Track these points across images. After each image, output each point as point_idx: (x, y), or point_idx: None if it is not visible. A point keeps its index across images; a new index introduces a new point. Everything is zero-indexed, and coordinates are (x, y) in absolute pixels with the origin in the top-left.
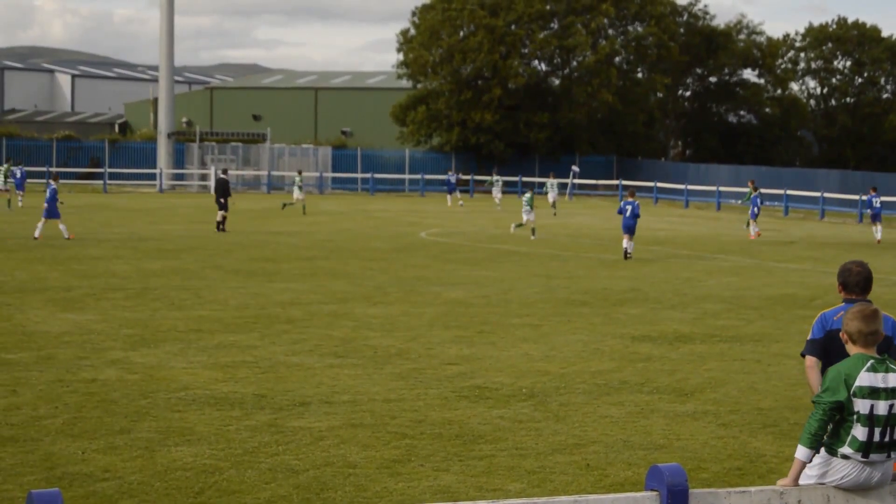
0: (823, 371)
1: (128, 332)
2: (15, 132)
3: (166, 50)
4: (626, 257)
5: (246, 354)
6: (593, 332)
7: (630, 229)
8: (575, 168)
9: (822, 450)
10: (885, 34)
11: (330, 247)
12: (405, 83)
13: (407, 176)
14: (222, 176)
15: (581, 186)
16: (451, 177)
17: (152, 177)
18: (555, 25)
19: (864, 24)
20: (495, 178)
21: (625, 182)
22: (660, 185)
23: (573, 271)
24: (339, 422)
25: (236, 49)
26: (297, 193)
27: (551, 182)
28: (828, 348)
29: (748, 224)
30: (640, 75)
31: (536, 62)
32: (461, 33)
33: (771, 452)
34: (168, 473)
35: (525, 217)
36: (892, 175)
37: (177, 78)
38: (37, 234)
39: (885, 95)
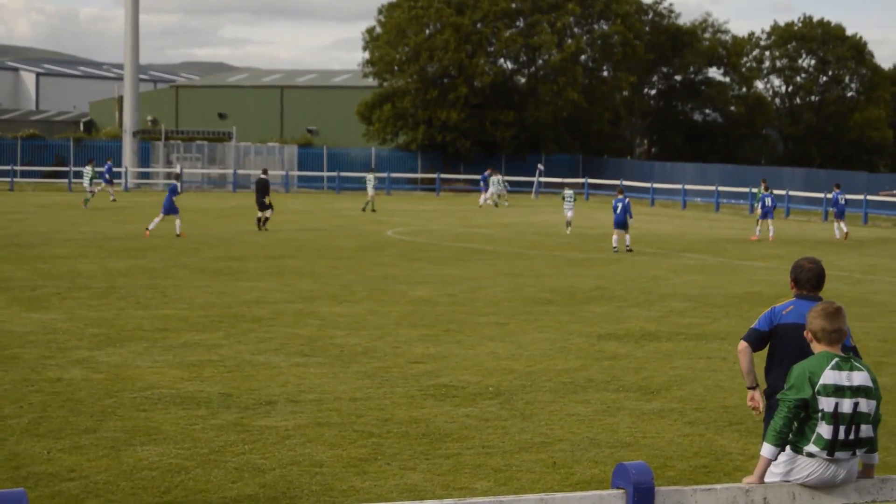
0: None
1: (93, 332)
2: None
3: (131, 48)
4: (615, 251)
5: (212, 353)
6: (560, 331)
7: (622, 225)
8: (540, 167)
9: (788, 448)
10: (849, 32)
11: (296, 245)
12: (371, 82)
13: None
14: (263, 176)
15: (547, 185)
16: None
17: (117, 175)
18: (521, 24)
19: (828, 23)
20: (495, 177)
21: (590, 180)
22: (625, 183)
23: (540, 270)
24: (305, 421)
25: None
26: (371, 192)
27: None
28: (775, 343)
29: (758, 224)
30: (605, 74)
31: (502, 60)
32: (427, 31)
33: (737, 450)
34: (134, 473)
35: (568, 214)
36: (856, 173)
37: (142, 76)
38: (151, 226)
39: (849, 94)
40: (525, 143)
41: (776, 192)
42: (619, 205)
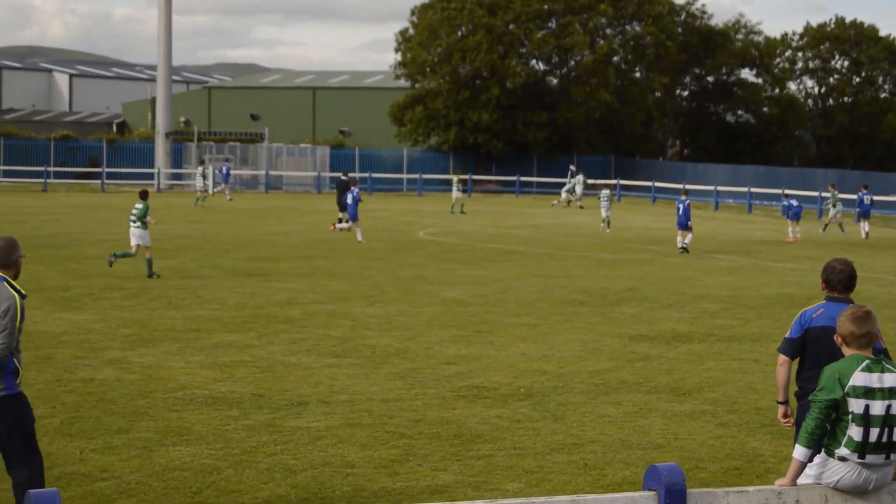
0: (805, 369)
1: (126, 332)
2: (13, 132)
3: (164, 49)
4: (681, 251)
5: (244, 354)
6: (591, 332)
7: (683, 226)
8: (572, 168)
9: (822, 451)
10: (882, 33)
11: (328, 246)
12: (403, 83)
13: (405, 175)
14: (343, 178)
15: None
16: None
17: (150, 176)
18: (553, 25)
19: (861, 24)
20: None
21: (622, 181)
22: (658, 184)
23: (571, 271)
24: (337, 421)
25: (235, 49)
26: (455, 193)
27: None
28: (806, 346)
29: (839, 224)
30: (637, 75)
31: (534, 62)
32: (459, 33)
33: (769, 452)
34: (166, 473)
35: (604, 213)
36: (889, 174)
37: (175, 77)
38: (359, 237)
39: (882, 95)
40: (557, 145)
41: (807, 193)
42: (682, 206)
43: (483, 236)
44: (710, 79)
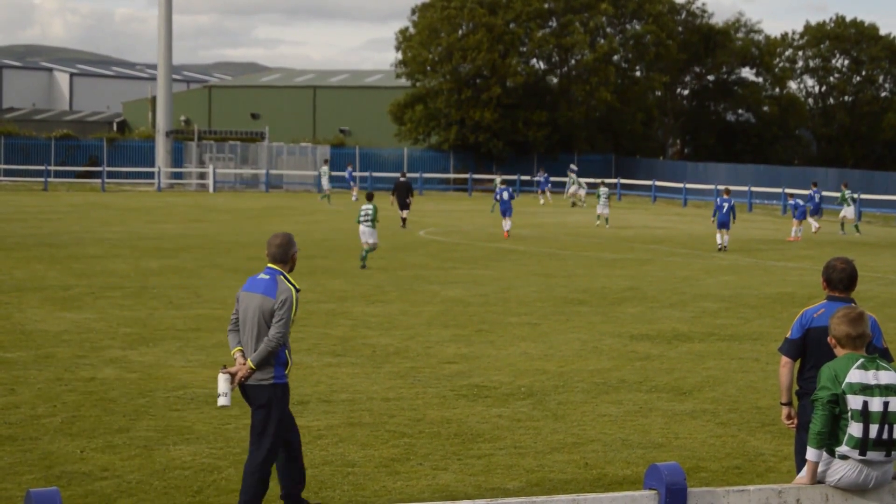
0: (806, 369)
1: (126, 331)
2: (13, 131)
3: (165, 48)
4: (720, 250)
5: None
6: (592, 331)
7: (725, 224)
8: (573, 167)
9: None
10: (883, 32)
11: (328, 245)
12: (404, 82)
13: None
14: (402, 179)
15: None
16: (541, 176)
17: (151, 175)
18: (553, 24)
19: (862, 23)
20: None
21: (623, 180)
22: (658, 183)
23: (572, 270)
24: (337, 420)
25: (236, 48)
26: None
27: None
28: (808, 346)
29: (855, 225)
30: (638, 74)
31: (535, 61)
32: (460, 32)
33: (769, 451)
34: (167, 472)
35: (599, 210)
36: (890, 173)
37: (175, 76)
38: (506, 230)
39: (883, 94)
40: (557, 144)
41: (797, 191)
42: (726, 205)
43: (484, 235)
44: (711, 78)
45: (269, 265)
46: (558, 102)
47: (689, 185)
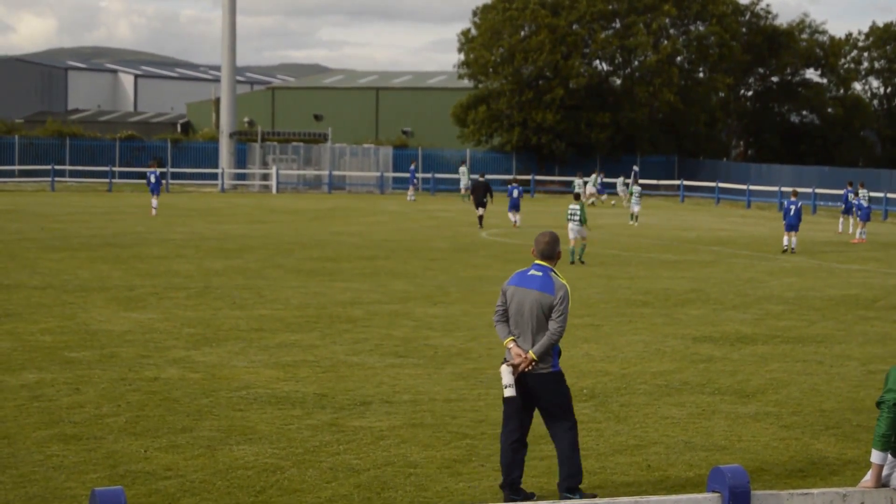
0: None
1: (190, 331)
2: (78, 132)
3: (228, 50)
4: (784, 252)
5: (307, 354)
6: (654, 333)
7: (793, 227)
8: (635, 168)
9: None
10: None
11: (390, 247)
12: (466, 83)
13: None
14: (481, 179)
15: (643, 186)
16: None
17: (214, 176)
18: (616, 25)
19: None
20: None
21: (686, 182)
22: (721, 185)
23: (634, 272)
24: (399, 421)
25: (299, 49)
26: (590, 189)
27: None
28: None
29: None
30: (701, 75)
31: (598, 62)
32: (522, 33)
33: (833, 454)
34: (230, 472)
35: (634, 208)
36: None
37: (239, 78)
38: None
39: None
40: (620, 145)
41: (873, 194)
42: (793, 207)
43: None
44: (775, 79)
45: (537, 261)
46: (621, 104)
47: (752, 187)
